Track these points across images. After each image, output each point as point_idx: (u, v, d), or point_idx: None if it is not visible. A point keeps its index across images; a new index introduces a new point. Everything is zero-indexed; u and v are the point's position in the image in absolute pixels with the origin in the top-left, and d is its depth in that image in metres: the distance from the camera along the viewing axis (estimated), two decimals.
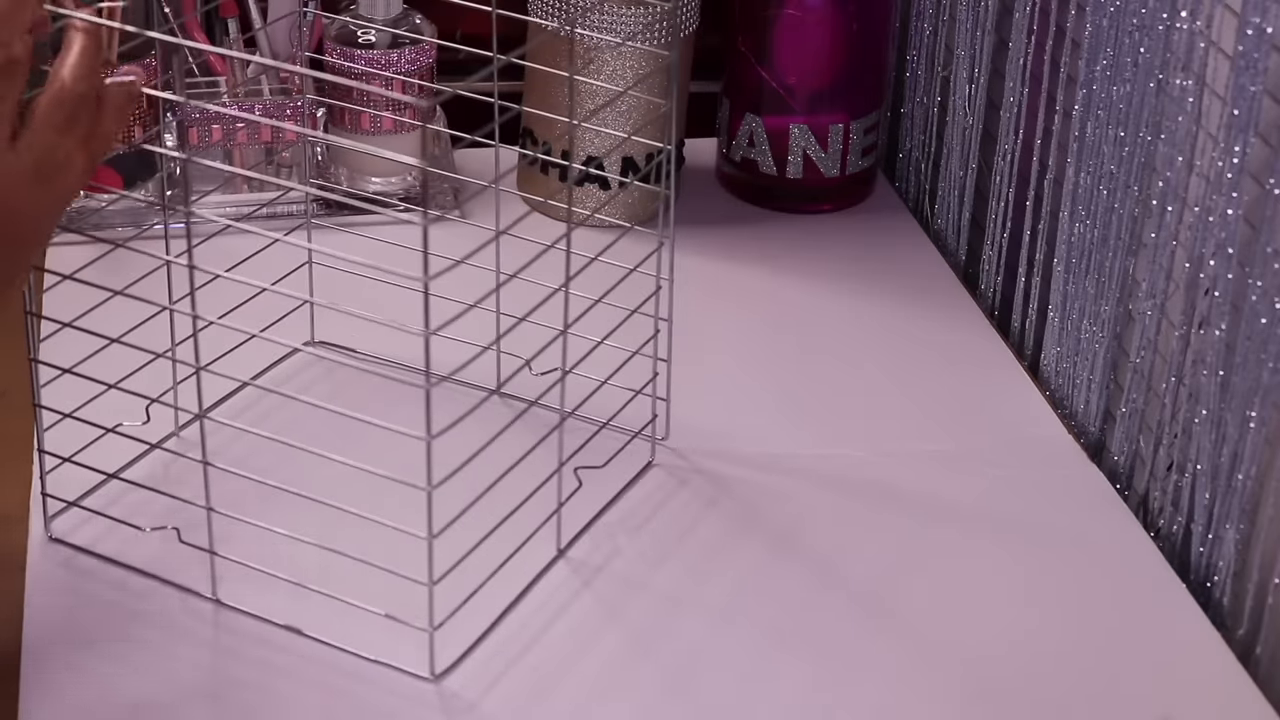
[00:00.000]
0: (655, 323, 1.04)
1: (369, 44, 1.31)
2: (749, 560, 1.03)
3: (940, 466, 1.12)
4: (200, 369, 0.91)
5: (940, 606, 1.00)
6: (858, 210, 1.41)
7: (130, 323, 0.99)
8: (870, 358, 1.23)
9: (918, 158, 1.44)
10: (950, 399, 1.19)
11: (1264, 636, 0.99)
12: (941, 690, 0.94)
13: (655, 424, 1.08)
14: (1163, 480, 1.10)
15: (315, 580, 0.94)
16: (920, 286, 1.32)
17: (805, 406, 1.15)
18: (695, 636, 0.97)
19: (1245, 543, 1.02)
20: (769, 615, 0.99)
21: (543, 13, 1.30)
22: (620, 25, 1.27)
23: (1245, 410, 1.00)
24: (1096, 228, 1.16)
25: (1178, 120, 1.05)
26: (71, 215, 1.28)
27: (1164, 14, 1.05)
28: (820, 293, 1.29)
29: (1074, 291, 1.19)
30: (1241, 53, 0.97)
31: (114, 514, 1.00)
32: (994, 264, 1.32)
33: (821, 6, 1.34)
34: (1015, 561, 1.04)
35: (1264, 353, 0.98)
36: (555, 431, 0.97)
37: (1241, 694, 0.96)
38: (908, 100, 1.45)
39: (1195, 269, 1.05)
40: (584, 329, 0.99)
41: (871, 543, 1.05)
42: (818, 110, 1.36)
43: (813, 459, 1.11)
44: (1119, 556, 1.06)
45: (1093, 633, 0.99)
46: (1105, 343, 1.17)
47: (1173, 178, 1.07)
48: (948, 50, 1.37)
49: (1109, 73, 1.12)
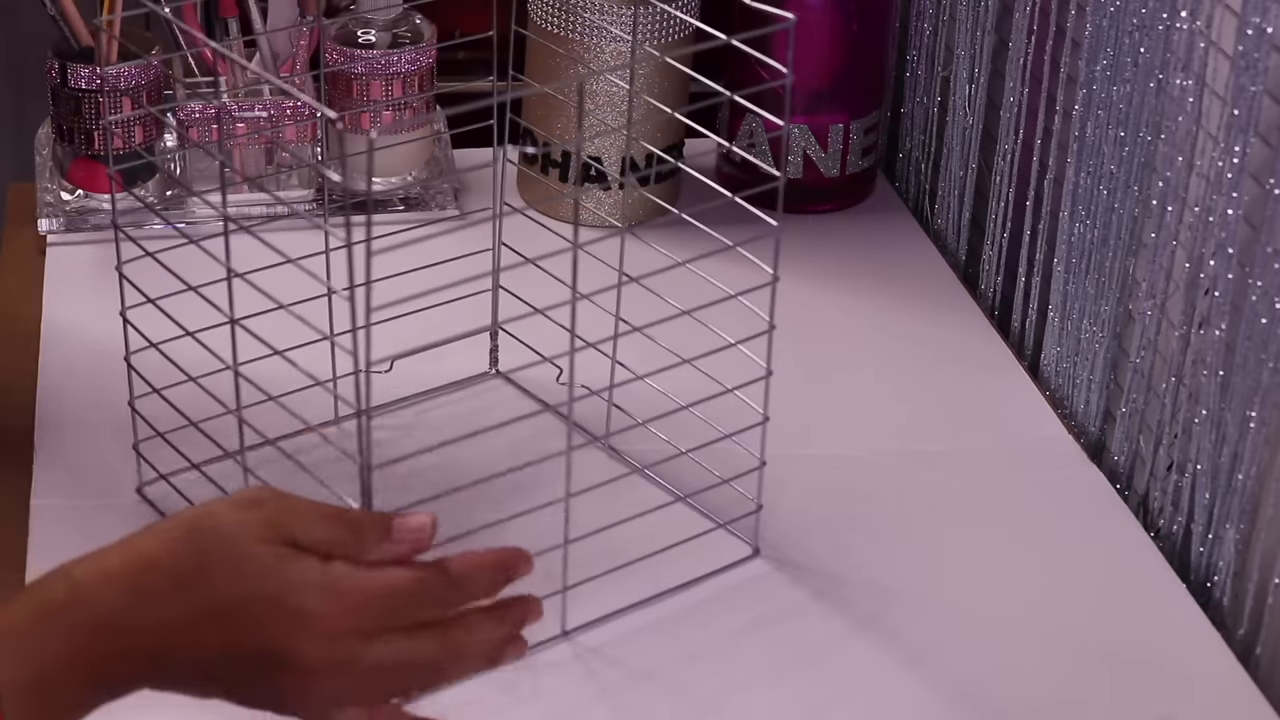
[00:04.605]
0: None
1: (369, 44, 1.31)
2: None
3: (940, 466, 1.12)
4: (362, 371, 0.82)
5: (940, 606, 1.00)
6: (858, 210, 1.41)
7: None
8: (870, 358, 1.23)
9: (918, 158, 1.44)
10: (950, 399, 1.19)
11: (1264, 636, 0.99)
12: (941, 690, 0.94)
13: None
14: (1163, 480, 1.10)
15: None
16: (920, 286, 1.32)
17: (804, 406, 1.15)
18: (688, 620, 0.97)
19: (1245, 543, 1.02)
20: (760, 611, 0.99)
21: (543, 14, 1.30)
22: (621, 25, 1.27)
23: (1245, 410, 1.00)
24: (1096, 228, 1.16)
25: (1178, 120, 1.05)
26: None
27: (1164, 14, 1.05)
28: (820, 293, 1.29)
29: (1074, 291, 1.19)
30: (1241, 53, 0.97)
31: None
32: (994, 264, 1.32)
33: (821, 6, 1.34)
34: (1015, 561, 1.04)
35: (1264, 353, 0.98)
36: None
37: (1241, 694, 0.96)
38: (908, 100, 1.45)
39: (1195, 269, 1.05)
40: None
41: (871, 543, 1.05)
42: (818, 110, 1.36)
43: (812, 459, 1.11)
44: (1119, 556, 1.06)
45: (1093, 633, 0.99)
46: (1105, 343, 1.17)
47: (1173, 178, 1.07)
48: (948, 50, 1.37)
49: (1109, 73, 1.12)
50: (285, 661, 0.74)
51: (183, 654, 0.74)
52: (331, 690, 0.76)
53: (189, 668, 0.75)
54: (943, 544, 1.05)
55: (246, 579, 0.74)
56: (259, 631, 0.74)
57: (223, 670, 0.75)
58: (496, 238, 1.11)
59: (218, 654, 0.74)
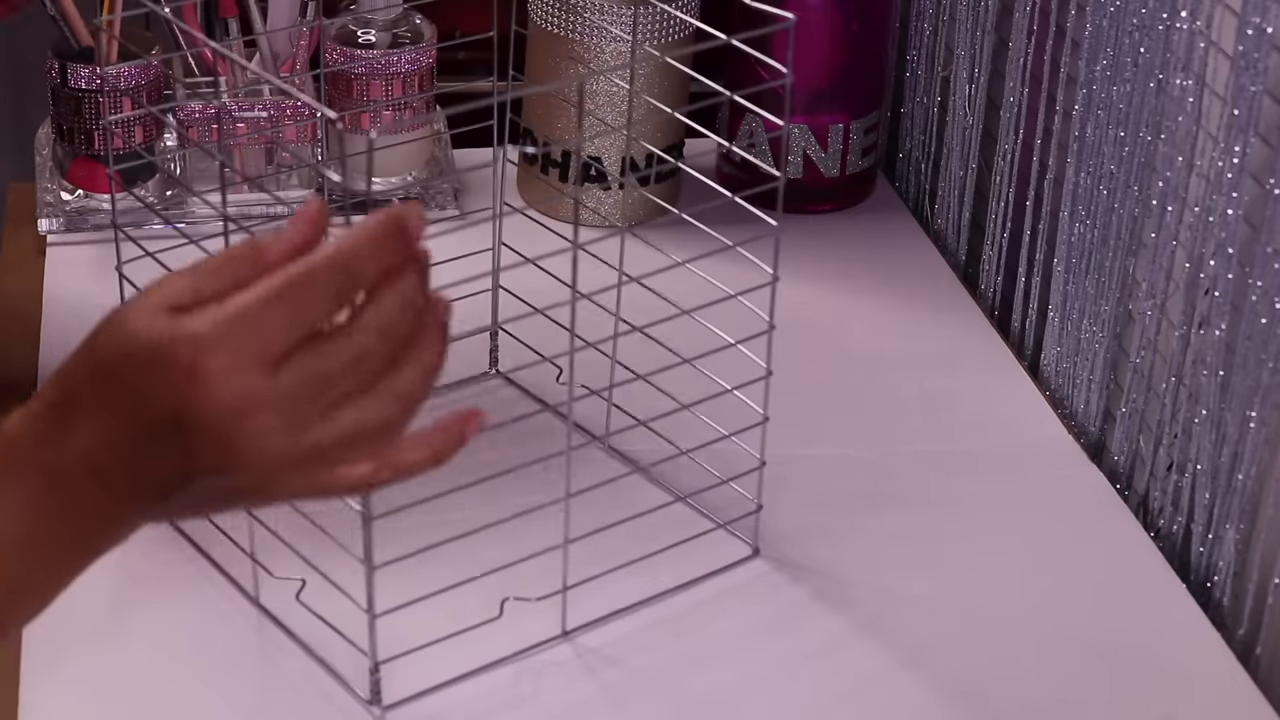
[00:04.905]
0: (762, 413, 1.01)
1: (369, 44, 1.31)
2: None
3: (940, 466, 1.12)
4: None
5: (940, 606, 1.00)
6: (858, 210, 1.41)
7: None
8: (870, 358, 1.23)
9: (918, 158, 1.44)
10: (950, 399, 1.19)
11: (1264, 636, 0.99)
12: (941, 689, 0.94)
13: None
14: (1163, 480, 1.10)
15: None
16: (920, 286, 1.31)
17: (805, 406, 1.15)
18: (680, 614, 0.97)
19: (1245, 543, 1.02)
20: (760, 613, 0.99)
21: (543, 14, 1.30)
22: (621, 25, 1.27)
23: (1245, 410, 1.00)
24: (1096, 228, 1.16)
25: (1178, 120, 1.05)
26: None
27: (1164, 14, 1.05)
28: (820, 293, 1.29)
29: (1074, 291, 1.19)
30: (1241, 53, 0.97)
31: None
32: (994, 264, 1.32)
33: (821, 6, 1.34)
34: (1015, 561, 1.04)
35: (1264, 353, 0.98)
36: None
37: (1241, 694, 0.96)
38: (908, 100, 1.45)
39: (1195, 269, 1.05)
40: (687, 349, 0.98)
41: (871, 542, 1.05)
42: (818, 110, 1.36)
43: (812, 459, 1.11)
44: (1119, 556, 1.06)
45: (1093, 632, 0.99)
46: (1105, 343, 1.17)
47: (1173, 178, 1.07)
48: (948, 50, 1.37)
49: (1109, 73, 1.12)
50: (200, 423, 0.68)
51: (112, 461, 0.70)
52: (272, 451, 0.69)
53: (123, 477, 0.70)
54: (943, 544, 1.05)
55: (138, 356, 0.69)
56: (164, 397, 0.68)
57: (157, 464, 0.69)
58: (496, 238, 1.11)
59: (137, 446, 0.69)
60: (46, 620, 0.95)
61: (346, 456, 0.71)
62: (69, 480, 0.70)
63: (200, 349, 0.68)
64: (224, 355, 0.68)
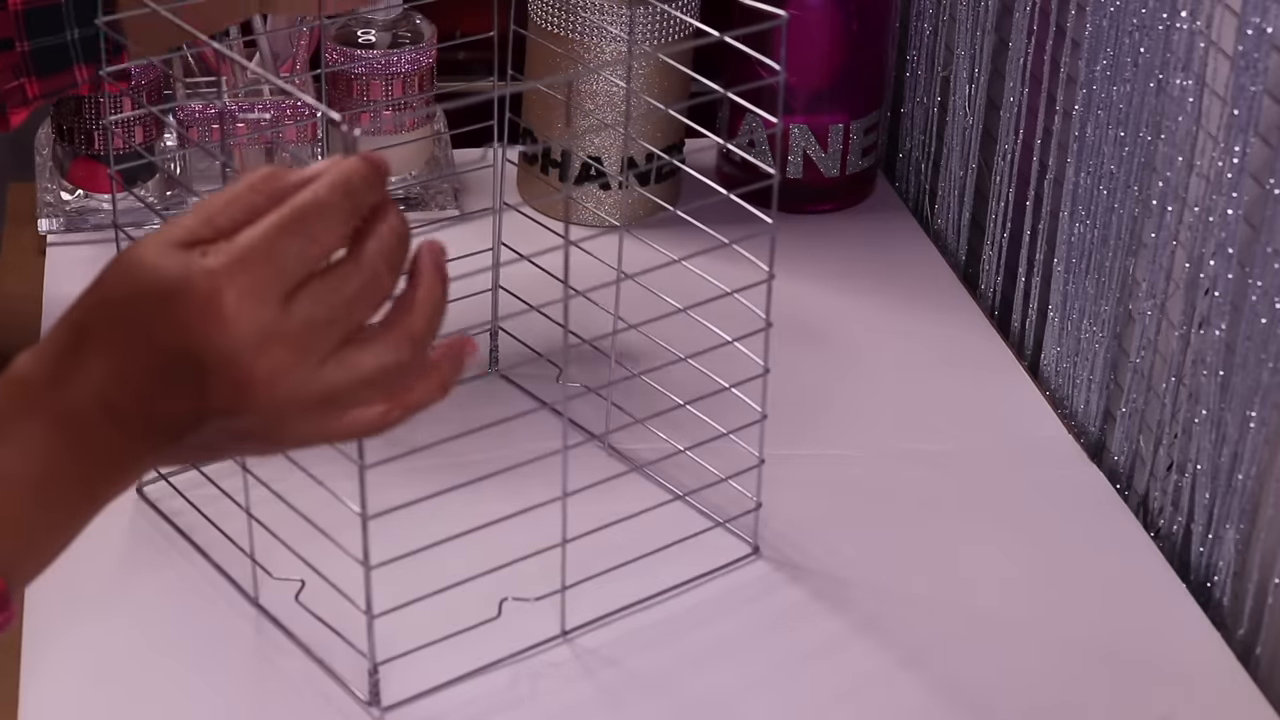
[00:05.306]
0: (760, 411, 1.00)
1: (369, 44, 1.31)
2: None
3: (940, 466, 1.12)
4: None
5: (940, 606, 1.00)
6: (858, 210, 1.41)
7: None
8: (870, 358, 1.23)
9: (918, 158, 1.44)
10: (950, 399, 1.19)
11: (1264, 636, 0.99)
12: (940, 689, 0.94)
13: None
14: (1163, 480, 1.10)
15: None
16: (920, 286, 1.31)
17: (804, 406, 1.15)
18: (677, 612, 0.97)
19: (1245, 543, 1.02)
20: (760, 611, 0.99)
21: (543, 14, 1.30)
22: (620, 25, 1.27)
23: (1245, 410, 1.00)
24: (1096, 228, 1.16)
25: (1178, 120, 1.05)
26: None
27: (1164, 14, 1.05)
28: (820, 292, 1.29)
29: (1074, 291, 1.19)
30: (1241, 53, 0.97)
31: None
32: (994, 264, 1.32)
33: (821, 6, 1.34)
34: (1015, 561, 1.04)
35: (1264, 353, 0.98)
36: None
37: (1241, 694, 0.96)
38: (908, 100, 1.45)
39: (1195, 269, 1.05)
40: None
41: (871, 542, 1.05)
42: (818, 110, 1.36)
43: (812, 458, 1.11)
44: (1119, 556, 1.06)
45: (1093, 633, 0.99)
46: (1105, 343, 1.17)
47: (1173, 178, 1.07)
48: (948, 50, 1.37)
49: (1109, 73, 1.12)
50: (216, 355, 0.68)
51: (126, 398, 0.70)
52: (284, 389, 0.69)
53: (137, 414, 0.70)
54: (942, 544, 1.05)
55: (152, 293, 0.69)
56: (180, 332, 0.68)
57: (172, 403, 0.69)
58: (496, 237, 1.11)
59: (151, 382, 0.69)
60: (47, 620, 0.95)
61: (359, 397, 0.72)
62: (83, 418, 0.70)
63: (216, 283, 0.68)
64: (239, 289, 0.68)
